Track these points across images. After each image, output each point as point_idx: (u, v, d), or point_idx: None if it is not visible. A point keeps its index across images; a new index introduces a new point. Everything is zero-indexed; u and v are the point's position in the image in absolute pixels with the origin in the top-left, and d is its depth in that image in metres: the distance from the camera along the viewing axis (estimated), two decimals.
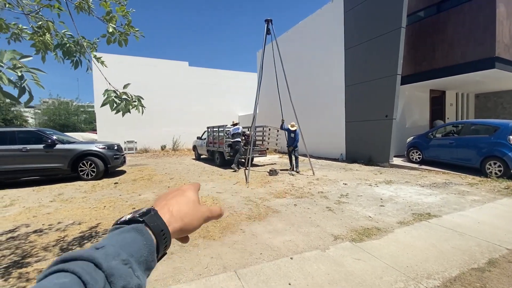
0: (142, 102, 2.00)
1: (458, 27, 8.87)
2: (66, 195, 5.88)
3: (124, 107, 1.72)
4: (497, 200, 4.76)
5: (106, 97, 1.68)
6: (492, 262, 2.66)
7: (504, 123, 6.63)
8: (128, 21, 1.97)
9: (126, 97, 1.77)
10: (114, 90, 1.75)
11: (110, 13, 1.88)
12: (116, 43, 2.01)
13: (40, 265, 2.69)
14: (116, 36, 1.97)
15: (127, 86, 1.81)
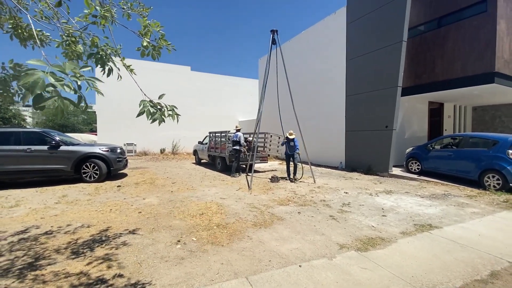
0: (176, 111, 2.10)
1: (459, 42, 9.12)
2: (71, 197, 5.91)
3: (160, 116, 1.81)
4: (496, 213, 4.88)
5: (142, 107, 1.78)
6: (494, 274, 2.76)
7: (503, 137, 6.80)
8: (162, 35, 2.09)
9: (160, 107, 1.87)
10: (150, 100, 1.84)
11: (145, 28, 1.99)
12: (149, 56, 2.14)
13: (54, 268, 2.74)
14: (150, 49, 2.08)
15: (162, 97, 1.91)
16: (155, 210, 4.87)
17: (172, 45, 2.18)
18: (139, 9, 2.32)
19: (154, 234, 3.72)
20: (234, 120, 21.19)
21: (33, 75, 1.06)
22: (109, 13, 2.04)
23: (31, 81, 1.05)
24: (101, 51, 2.01)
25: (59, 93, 1.20)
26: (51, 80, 1.10)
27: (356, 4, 10.56)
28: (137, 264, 2.87)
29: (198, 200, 5.69)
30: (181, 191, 6.57)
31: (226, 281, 2.56)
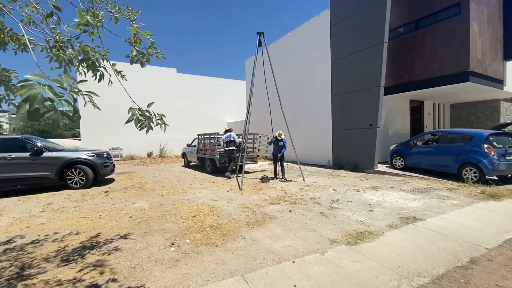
0: (164, 119, 2.12)
1: (435, 43, 9.58)
2: (56, 204, 5.74)
3: (148, 124, 1.84)
4: (474, 204, 5.18)
5: (131, 115, 1.80)
6: (474, 260, 2.95)
7: (478, 132, 7.21)
8: (152, 43, 2.11)
9: (149, 114, 1.90)
10: (138, 108, 1.87)
11: (135, 36, 2.01)
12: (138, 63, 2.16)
13: (44, 276, 2.69)
14: (139, 57, 2.10)
15: (151, 105, 1.94)
16: (146, 214, 4.82)
17: (162, 54, 2.21)
18: (127, 13, 2.34)
19: (146, 238, 3.70)
20: (222, 122, 21.15)
21: (31, 89, 1.07)
22: (100, 22, 2.05)
23: (29, 95, 1.06)
24: (92, 56, 2.01)
25: (55, 107, 1.21)
26: (49, 95, 1.11)
27: (339, 7, 10.86)
28: (131, 268, 2.86)
29: (190, 202, 5.68)
30: (172, 194, 6.53)
31: (222, 280, 2.61)
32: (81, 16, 1.92)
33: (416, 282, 2.53)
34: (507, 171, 6.84)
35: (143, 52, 2.12)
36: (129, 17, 2.44)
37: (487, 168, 6.62)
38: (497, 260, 2.96)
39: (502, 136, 7.30)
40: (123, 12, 2.42)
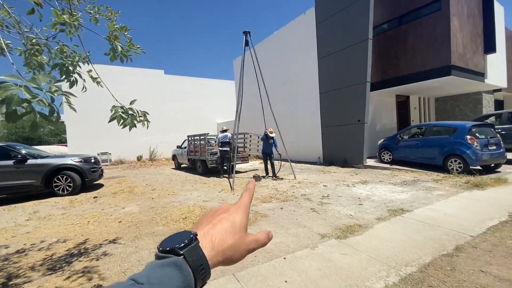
0: (147, 117, 2.10)
1: (418, 39, 9.81)
2: (43, 212, 5.59)
3: (130, 122, 1.81)
4: (459, 193, 5.34)
5: (113, 113, 1.77)
6: (459, 248, 3.04)
7: (462, 124, 7.42)
8: (129, 39, 2.08)
9: (132, 112, 1.87)
10: (121, 106, 1.84)
11: (113, 32, 1.98)
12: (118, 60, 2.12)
13: (31, 286, 2.62)
14: (119, 53, 2.06)
15: (133, 102, 1.91)
16: (136, 218, 4.76)
17: (142, 48, 2.18)
18: (106, 13, 2.30)
19: (137, 242, 3.65)
20: (213, 123, 21.05)
21: (7, 90, 1.05)
22: (77, 21, 2.00)
23: (5, 96, 1.03)
24: (66, 61, 1.96)
25: (33, 108, 1.19)
26: (26, 96, 1.09)
27: (323, 5, 10.97)
28: (121, 273, 2.82)
29: (180, 204, 5.63)
30: (162, 197, 6.46)
31: (213, 280, 2.60)
32: (56, 15, 1.88)
33: (403, 271, 2.59)
34: (490, 160, 7.07)
35: (126, 49, 2.09)
36: (109, 17, 2.40)
37: (470, 159, 6.82)
38: (481, 246, 3.06)
39: (484, 127, 7.54)
40: (103, 13, 2.38)
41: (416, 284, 2.38)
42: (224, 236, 0.43)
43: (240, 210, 0.49)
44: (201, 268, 0.39)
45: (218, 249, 0.42)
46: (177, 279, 0.36)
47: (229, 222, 0.45)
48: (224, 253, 0.42)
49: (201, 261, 0.39)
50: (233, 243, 0.44)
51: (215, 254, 0.41)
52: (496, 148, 7.19)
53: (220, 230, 0.44)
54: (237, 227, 0.45)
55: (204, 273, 0.39)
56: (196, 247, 0.40)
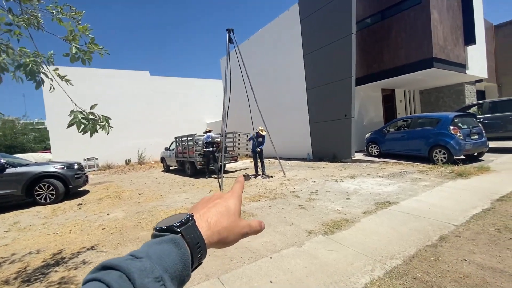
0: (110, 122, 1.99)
1: (401, 32, 9.92)
2: (23, 223, 5.36)
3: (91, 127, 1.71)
4: (444, 183, 5.42)
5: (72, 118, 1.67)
6: (443, 238, 3.07)
7: (444, 115, 7.55)
8: (92, 39, 1.97)
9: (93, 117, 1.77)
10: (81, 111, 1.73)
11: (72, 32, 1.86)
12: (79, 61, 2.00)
13: None
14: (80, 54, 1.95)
15: (94, 107, 1.81)
16: (120, 224, 4.62)
17: (105, 49, 2.07)
18: (70, 13, 2.17)
19: (119, 248, 3.53)
20: (202, 123, 20.82)
21: None
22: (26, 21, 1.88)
23: None
24: (30, 62, 1.84)
25: None
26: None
27: (307, 1, 10.95)
28: None
29: (168, 208, 5.51)
30: (149, 201, 6.31)
31: (197, 284, 2.53)
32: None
33: (389, 264, 2.58)
34: (473, 150, 7.23)
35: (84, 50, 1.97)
36: (73, 17, 2.27)
37: (454, 149, 6.95)
38: (464, 235, 3.09)
39: (466, 117, 7.70)
40: (66, 13, 2.25)
41: (401, 276, 2.37)
42: (220, 218, 0.45)
43: (233, 197, 0.50)
44: (198, 246, 0.40)
45: (213, 230, 0.43)
46: (175, 254, 0.36)
47: (223, 206, 0.47)
48: (220, 234, 0.44)
49: (198, 239, 0.40)
50: (227, 225, 0.45)
51: (211, 234, 0.43)
52: (479, 137, 7.36)
53: (215, 212, 0.45)
54: (231, 211, 0.47)
55: (201, 251, 0.41)
56: (193, 226, 0.41)
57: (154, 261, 0.34)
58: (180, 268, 0.37)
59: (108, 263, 0.32)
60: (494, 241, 2.87)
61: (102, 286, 0.30)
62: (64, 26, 1.90)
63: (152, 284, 0.32)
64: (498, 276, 2.26)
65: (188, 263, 0.38)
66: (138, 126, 18.27)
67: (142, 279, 0.32)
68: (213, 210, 0.46)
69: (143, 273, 0.32)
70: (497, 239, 2.90)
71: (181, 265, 0.37)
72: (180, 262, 0.37)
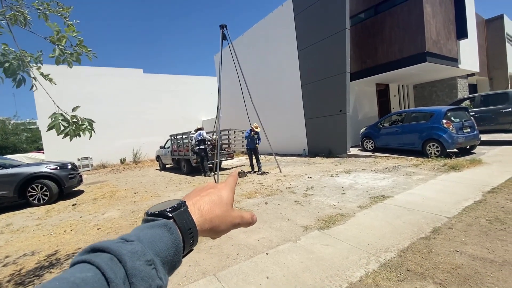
0: (93, 125, 1.95)
1: (394, 27, 9.95)
2: (16, 224, 5.30)
3: (72, 131, 1.67)
4: (437, 176, 5.50)
5: (53, 121, 1.63)
6: (436, 230, 3.11)
7: (437, 109, 7.63)
8: (80, 41, 1.92)
9: (75, 120, 1.73)
10: (61, 113, 1.69)
11: (58, 33, 1.82)
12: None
13: None
14: (66, 56, 1.90)
15: (76, 109, 1.77)
16: (116, 224, 4.59)
17: (93, 52, 2.02)
18: (57, 9, 2.12)
19: None
20: (197, 121, 20.69)
21: None
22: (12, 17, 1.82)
23: None
24: (9, 60, 1.79)
25: None
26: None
27: None
28: None
29: None
30: (145, 200, 6.28)
31: (193, 282, 2.53)
32: None
33: (383, 257, 2.61)
34: (465, 143, 7.33)
35: (69, 52, 1.92)
36: (61, 14, 2.22)
37: (447, 142, 7.04)
38: (457, 227, 3.15)
39: (459, 111, 7.79)
40: (53, 9, 2.20)
41: (395, 269, 2.40)
42: (212, 206, 0.45)
43: (226, 188, 0.51)
44: (189, 232, 0.40)
45: (206, 217, 0.43)
46: (167, 239, 0.36)
47: (216, 195, 0.47)
48: (212, 222, 0.44)
49: (190, 225, 0.40)
50: (220, 214, 0.45)
51: (203, 221, 0.43)
52: (471, 130, 7.46)
53: (208, 201, 0.45)
54: (223, 201, 0.47)
55: (192, 237, 0.40)
56: (185, 212, 0.41)
57: (146, 244, 0.34)
58: (172, 253, 0.36)
59: (98, 245, 0.32)
60: (485, 232, 2.93)
61: (92, 268, 0.29)
62: (50, 26, 1.85)
63: (144, 267, 0.32)
64: (489, 266, 2.30)
65: (180, 249, 0.38)
66: (133, 125, 18.10)
67: (133, 261, 0.31)
68: (206, 198, 0.46)
69: (134, 255, 0.32)
70: (488, 230, 2.96)
71: (172, 250, 0.36)
72: (172, 247, 0.36)
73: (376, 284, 2.21)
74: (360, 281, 2.28)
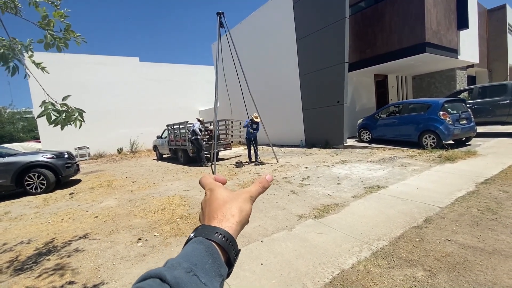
0: (83, 115, 1.93)
1: (394, 16, 9.80)
2: (14, 213, 5.32)
3: (63, 120, 1.66)
4: (432, 167, 5.55)
5: (43, 110, 1.61)
6: (428, 219, 3.17)
7: (435, 101, 7.62)
8: (67, 25, 1.88)
9: (66, 108, 1.71)
10: (51, 102, 1.67)
11: (46, 18, 1.77)
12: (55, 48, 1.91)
13: None
14: (55, 42, 1.86)
15: (67, 98, 1.75)
16: (113, 213, 4.63)
17: (82, 37, 1.98)
18: None
19: (112, 236, 3.55)
20: (194, 111, 20.57)
21: None
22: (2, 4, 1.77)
23: None
24: (2, 48, 1.75)
25: None
26: None
27: None
28: (94, 269, 2.74)
29: (160, 195, 5.53)
30: (142, 189, 6.31)
31: None
32: None
33: (375, 246, 2.67)
34: (461, 134, 7.37)
35: (59, 37, 1.88)
36: (52, 1, 2.16)
37: (443, 134, 7.07)
38: (448, 217, 3.20)
39: (456, 102, 7.79)
40: None
41: (387, 256, 2.46)
42: (219, 208, 0.47)
43: (215, 189, 0.53)
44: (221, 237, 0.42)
45: (223, 217, 0.46)
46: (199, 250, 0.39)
47: (216, 199, 0.49)
48: (233, 216, 0.46)
49: (213, 231, 0.43)
50: (230, 207, 0.47)
51: (225, 220, 0.45)
52: (467, 122, 7.49)
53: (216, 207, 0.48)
54: (220, 197, 0.49)
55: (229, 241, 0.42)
56: (202, 227, 0.45)
57: (180, 258, 0.37)
58: (210, 261, 0.38)
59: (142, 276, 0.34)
60: (476, 221, 2.99)
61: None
62: (38, 11, 1.81)
63: (183, 274, 0.34)
64: (478, 254, 2.36)
65: (217, 255, 0.39)
66: (130, 114, 17.96)
67: (172, 272, 0.33)
68: (212, 207, 0.48)
69: (172, 267, 0.34)
70: (479, 220, 3.01)
71: (209, 258, 0.38)
72: (207, 255, 0.38)
73: (368, 271, 2.27)
74: (352, 268, 2.33)
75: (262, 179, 0.54)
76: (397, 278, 2.15)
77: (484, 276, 2.08)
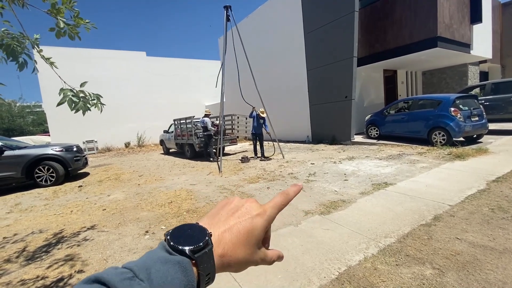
0: (101, 100, 1.95)
1: (405, 10, 9.55)
2: (25, 204, 5.45)
3: (83, 105, 1.67)
4: (442, 165, 5.45)
5: (62, 97, 1.62)
6: (437, 217, 3.12)
7: (446, 97, 7.45)
8: (76, 12, 1.87)
9: (83, 95, 1.72)
10: (70, 89, 1.68)
11: (55, 6, 1.77)
12: (66, 36, 1.91)
13: (8, 278, 2.56)
14: (66, 29, 1.86)
15: (84, 84, 1.75)
16: (121, 205, 4.69)
17: (92, 23, 1.98)
18: None
19: (120, 228, 3.61)
20: (201, 105, 20.58)
21: None
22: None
23: None
24: (12, 42, 1.76)
25: None
26: None
27: None
28: (102, 260, 2.78)
29: (167, 189, 5.58)
30: (149, 183, 6.38)
31: None
32: None
33: (383, 243, 2.64)
34: (472, 132, 7.20)
35: (69, 24, 1.88)
36: None
37: (454, 131, 6.92)
38: (458, 215, 3.14)
39: (468, 98, 7.59)
40: None
41: (394, 254, 2.43)
42: (237, 247, 0.38)
43: (264, 215, 0.42)
44: (208, 277, 0.36)
45: (224, 261, 0.38)
46: (179, 281, 0.32)
47: (247, 226, 0.40)
48: (229, 267, 0.39)
49: (209, 270, 0.36)
50: (241, 258, 0.39)
51: (221, 265, 0.38)
52: (479, 119, 7.30)
53: (235, 237, 0.39)
54: (253, 240, 0.40)
55: (208, 280, 0.36)
56: (209, 254, 0.36)
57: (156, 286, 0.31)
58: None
59: (102, 277, 0.29)
60: (487, 220, 2.92)
61: None
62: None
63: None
64: (489, 254, 2.31)
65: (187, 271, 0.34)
66: (137, 109, 18.10)
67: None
68: (235, 230, 0.39)
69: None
70: (490, 219, 2.95)
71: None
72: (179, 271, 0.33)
73: (375, 268, 2.25)
74: (358, 265, 2.31)
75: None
76: (405, 275, 2.12)
77: (494, 275, 2.04)
